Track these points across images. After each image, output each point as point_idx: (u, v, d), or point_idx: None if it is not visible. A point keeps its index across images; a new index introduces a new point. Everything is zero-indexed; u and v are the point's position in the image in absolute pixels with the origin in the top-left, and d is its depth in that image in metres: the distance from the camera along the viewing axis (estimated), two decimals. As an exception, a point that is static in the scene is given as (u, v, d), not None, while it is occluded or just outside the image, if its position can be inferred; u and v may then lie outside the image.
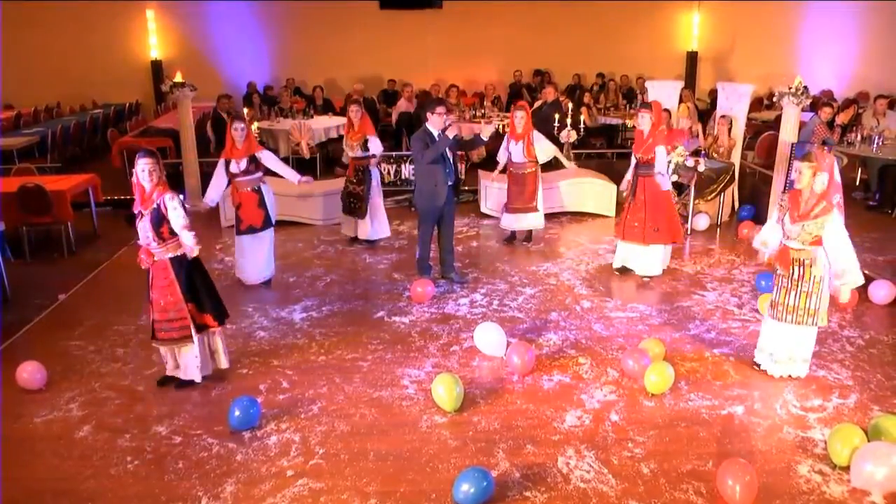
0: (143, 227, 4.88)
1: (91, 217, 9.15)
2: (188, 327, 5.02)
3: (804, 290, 5.00)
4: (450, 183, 6.83)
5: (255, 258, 6.99)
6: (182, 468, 4.29)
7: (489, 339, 5.60)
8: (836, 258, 4.94)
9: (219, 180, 6.78)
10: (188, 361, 5.16)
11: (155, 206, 4.81)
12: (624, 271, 7.37)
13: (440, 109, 6.72)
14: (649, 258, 7.18)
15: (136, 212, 4.93)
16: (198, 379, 5.17)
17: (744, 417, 4.78)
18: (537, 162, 8.06)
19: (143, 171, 4.79)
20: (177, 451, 4.46)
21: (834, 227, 4.87)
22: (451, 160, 6.87)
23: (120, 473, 4.26)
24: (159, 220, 4.82)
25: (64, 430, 4.72)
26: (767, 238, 5.31)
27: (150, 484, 4.15)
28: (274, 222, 6.98)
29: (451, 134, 6.69)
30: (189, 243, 4.89)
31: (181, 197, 4.99)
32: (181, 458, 4.39)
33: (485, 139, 7.77)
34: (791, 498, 3.97)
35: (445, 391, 4.77)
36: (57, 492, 4.11)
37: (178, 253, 4.94)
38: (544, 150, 7.90)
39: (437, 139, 6.70)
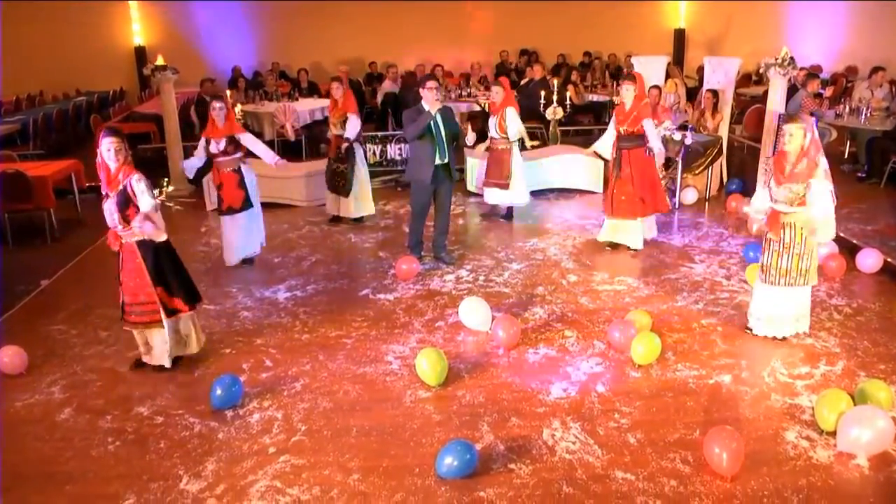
0: (109, 209, 4.73)
1: (75, 203, 9.05)
2: (157, 311, 4.90)
3: (796, 252, 4.99)
4: (440, 162, 6.69)
5: (235, 238, 6.92)
6: (163, 448, 4.24)
7: (474, 313, 5.54)
8: (815, 216, 4.91)
9: (199, 154, 6.80)
10: (158, 346, 5.06)
11: (121, 187, 4.67)
12: (613, 246, 7.32)
13: (430, 84, 6.59)
14: (637, 231, 7.14)
15: (102, 193, 4.79)
16: (167, 365, 5.07)
17: (731, 386, 4.75)
18: (510, 139, 8.01)
19: (109, 150, 4.64)
20: (158, 431, 4.41)
21: (819, 186, 4.82)
22: (444, 140, 6.65)
23: (101, 454, 4.21)
24: (125, 201, 4.68)
25: (45, 413, 4.66)
26: (760, 206, 5.23)
27: (131, 464, 4.10)
28: (256, 203, 6.91)
29: (433, 110, 6.53)
30: (149, 231, 4.69)
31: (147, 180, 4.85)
32: (163, 437, 4.34)
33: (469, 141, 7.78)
34: (778, 464, 3.95)
35: (429, 365, 4.72)
36: (39, 474, 4.06)
37: (145, 236, 4.79)
38: (514, 128, 7.89)
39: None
